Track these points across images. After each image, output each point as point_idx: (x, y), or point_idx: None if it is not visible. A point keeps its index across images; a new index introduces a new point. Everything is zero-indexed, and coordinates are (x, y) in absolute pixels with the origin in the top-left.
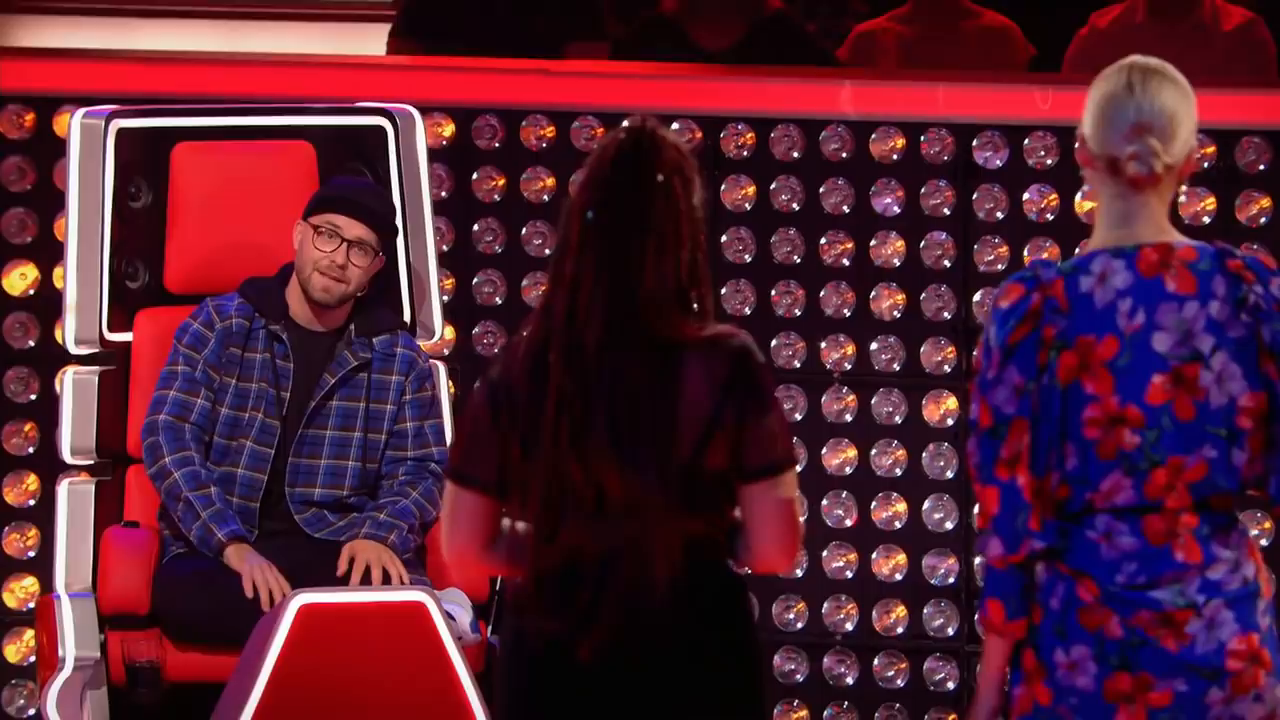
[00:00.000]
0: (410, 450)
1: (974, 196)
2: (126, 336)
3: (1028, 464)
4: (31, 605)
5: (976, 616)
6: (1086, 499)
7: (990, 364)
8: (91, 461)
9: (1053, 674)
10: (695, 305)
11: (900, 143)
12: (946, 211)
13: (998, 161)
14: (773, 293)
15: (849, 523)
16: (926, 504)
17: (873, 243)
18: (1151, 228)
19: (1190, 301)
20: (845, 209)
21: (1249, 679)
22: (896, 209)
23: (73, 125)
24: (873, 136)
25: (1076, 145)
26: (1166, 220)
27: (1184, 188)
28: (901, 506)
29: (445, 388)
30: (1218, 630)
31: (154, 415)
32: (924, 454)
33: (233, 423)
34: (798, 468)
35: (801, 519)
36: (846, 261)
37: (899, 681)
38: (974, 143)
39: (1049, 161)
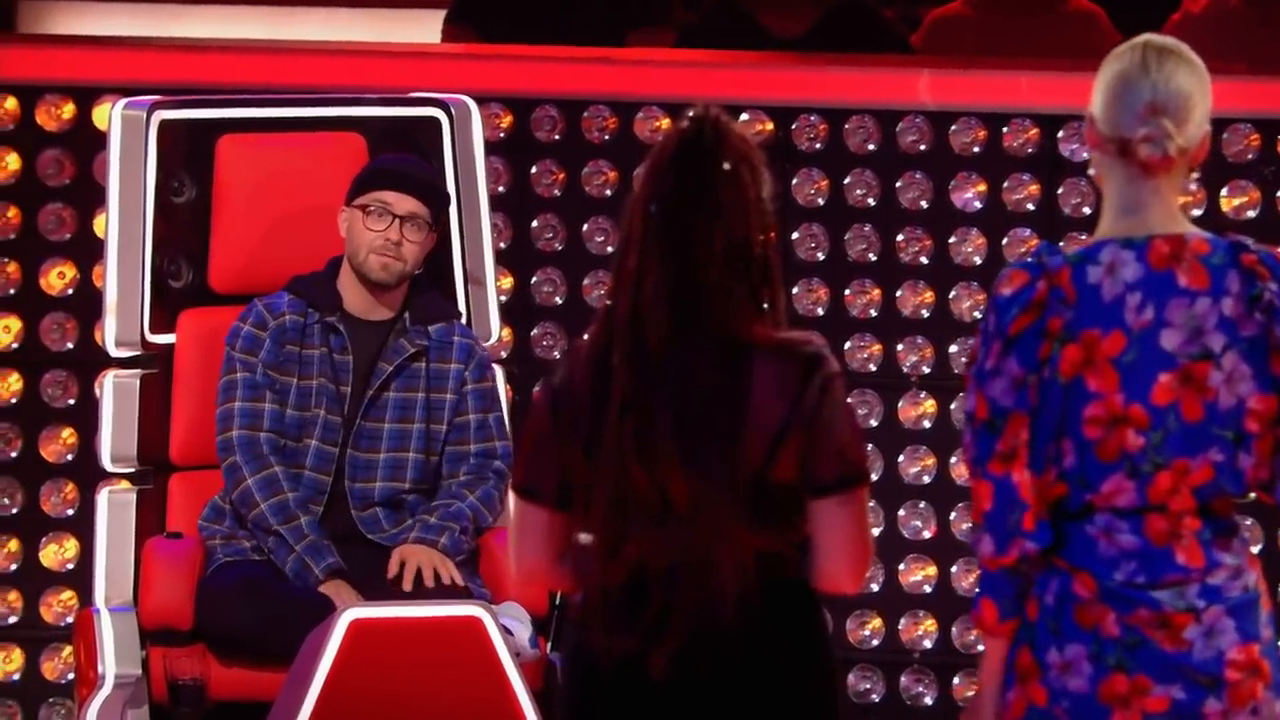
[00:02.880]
0: (473, 444)
1: (1059, 190)
2: (169, 338)
3: (1024, 460)
4: (70, 620)
5: (970, 616)
6: (1085, 500)
7: (989, 354)
8: (132, 469)
9: (1047, 674)
10: (766, 305)
11: (981, 134)
12: (1030, 207)
13: (1084, 154)
14: (847, 293)
15: (927, 534)
16: None
17: (952, 240)
18: (1163, 216)
19: (1202, 297)
20: (923, 204)
21: (1247, 691)
22: (977, 204)
23: (113, 116)
24: (952, 128)
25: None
26: (1178, 208)
27: (1194, 175)
28: None
29: (503, 391)
30: (1217, 638)
31: (226, 432)
32: None
33: (299, 423)
34: (871, 480)
35: (873, 536)
36: (925, 260)
37: None
38: (1059, 134)
39: None
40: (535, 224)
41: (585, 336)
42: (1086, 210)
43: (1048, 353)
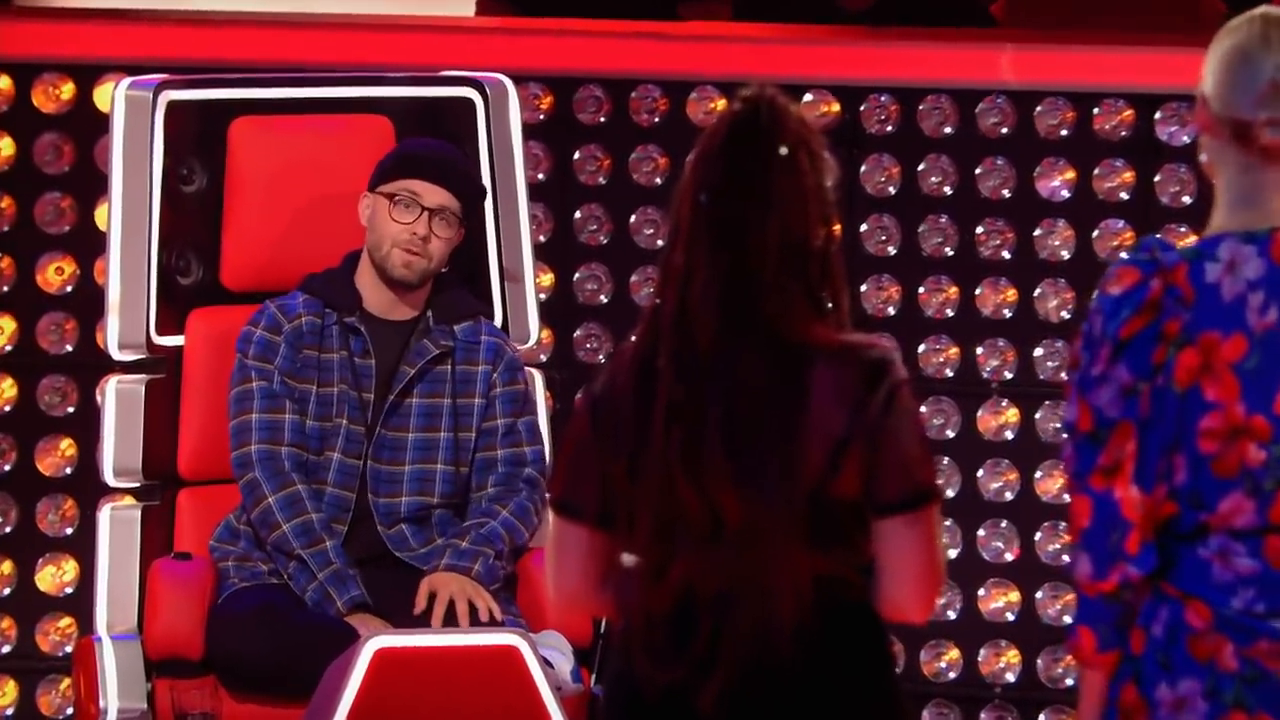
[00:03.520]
0: (500, 449)
1: (1156, 178)
2: (177, 340)
3: (1129, 475)
4: (69, 649)
5: (1067, 645)
6: (1200, 521)
7: (1095, 359)
8: (137, 484)
9: (1155, 712)
10: (828, 305)
11: (1070, 116)
12: (1124, 196)
13: (1184, 137)
14: (920, 290)
15: (1009, 557)
16: None
17: (1037, 232)
18: None
19: None
20: (1005, 193)
21: None
22: (1065, 193)
23: (116, 97)
24: (1037, 109)
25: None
26: None
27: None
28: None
29: (542, 398)
30: None
31: (243, 447)
32: None
33: (320, 435)
34: (945, 496)
35: (946, 559)
36: (1006, 254)
37: None
38: (1157, 115)
39: None
40: (578, 215)
41: (631, 339)
42: (1186, 200)
43: (1162, 358)
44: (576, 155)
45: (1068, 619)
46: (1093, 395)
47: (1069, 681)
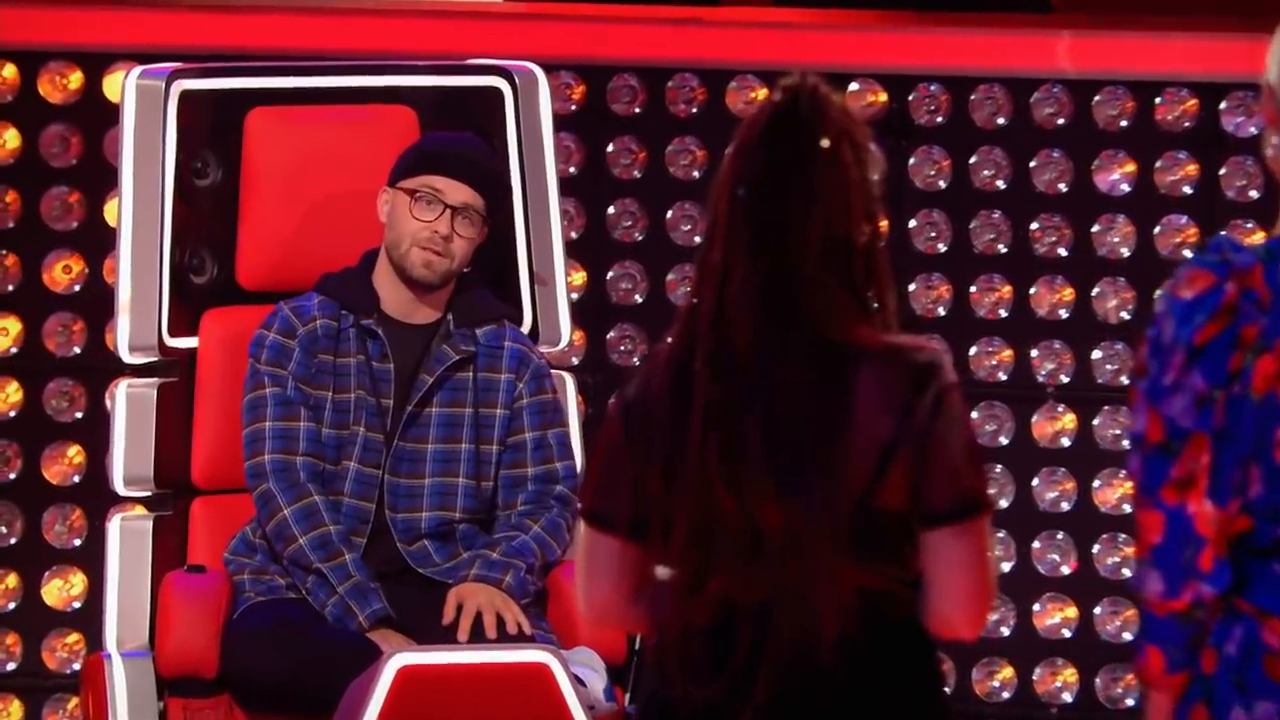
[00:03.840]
0: (531, 466)
1: (1221, 172)
2: (191, 342)
3: (1203, 489)
4: (76, 666)
5: (1133, 665)
6: (1277, 536)
7: (1167, 367)
8: (148, 493)
9: None
10: (874, 305)
11: (1130, 106)
12: (1187, 190)
13: (1251, 128)
14: (972, 289)
15: (1066, 570)
16: None
17: (1095, 228)
18: None
19: None
20: (1061, 187)
21: None
22: (1125, 187)
23: (127, 86)
24: (1096, 99)
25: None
26: None
27: None
28: (1132, 550)
29: (574, 404)
30: None
31: (256, 457)
32: None
33: (337, 443)
34: (997, 507)
35: (998, 572)
36: (1063, 251)
37: None
38: (1221, 105)
39: None
40: (611, 211)
41: (667, 341)
42: (1253, 194)
43: (1239, 365)
44: (610, 147)
45: (1128, 636)
46: (1164, 404)
47: (1129, 702)
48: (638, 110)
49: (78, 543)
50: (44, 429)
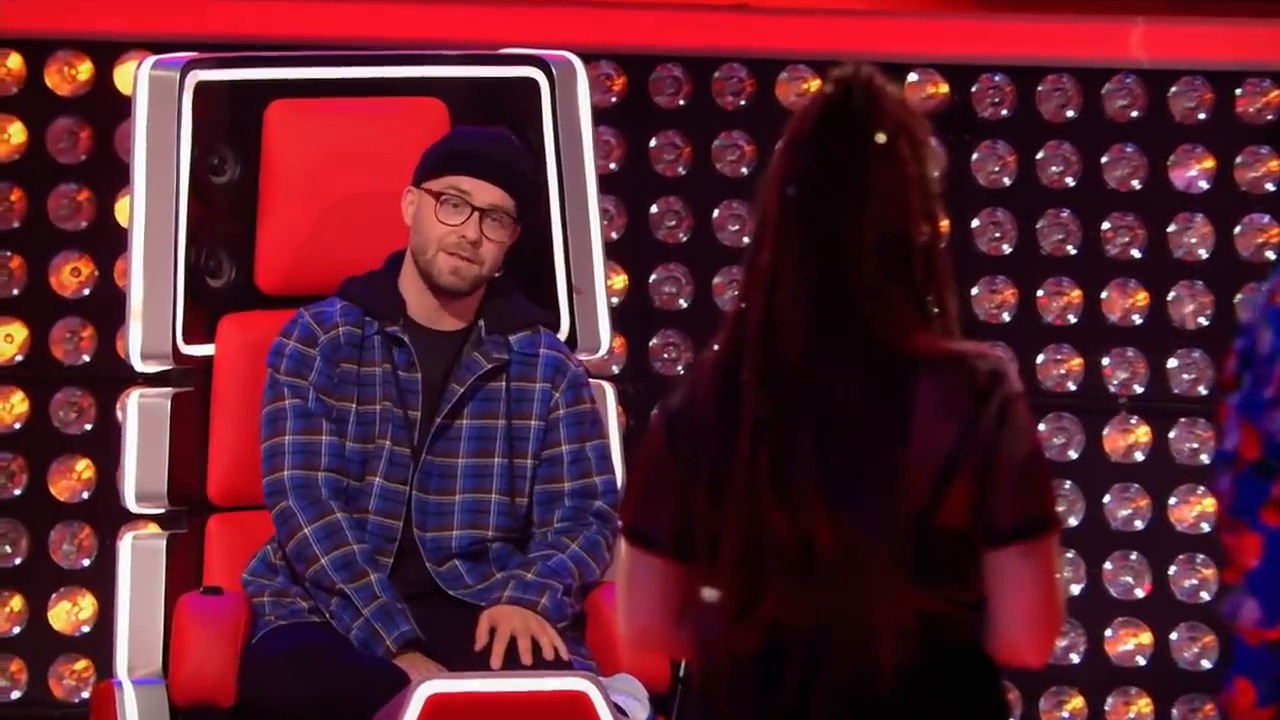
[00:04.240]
0: (568, 481)
1: None
2: (207, 349)
3: None
4: (85, 695)
5: (1219, 698)
6: None
7: (1265, 380)
8: (162, 510)
9: None
10: (934, 310)
11: (1208, 97)
12: (1270, 187)
13: None
14: (1039, 293)
15: (1140, 593)
16: None
17: (1171, 228)
18: None
19: None
20: (1135, 184)
21: None
22: (1203, 184)
23: (139, 77)
24: (1172, 90)
25: None
26: None
27: None
28: (1210, 572)
29: (614, 415)
30: None
31: (275, 472)
32: None
33: (362, 458)
34: (1066, 525)
35: (1067, 595)
36: (1136, 253)
37: None
38: None
39: None
40: (654, 210)
41: (713, 348)
42: None
43: None
44: (653, 142)
45: (1206, 664)
46: (1263, 421)
47: None
48: (682, 102)
49: (86, 563)
50: (51, 442)
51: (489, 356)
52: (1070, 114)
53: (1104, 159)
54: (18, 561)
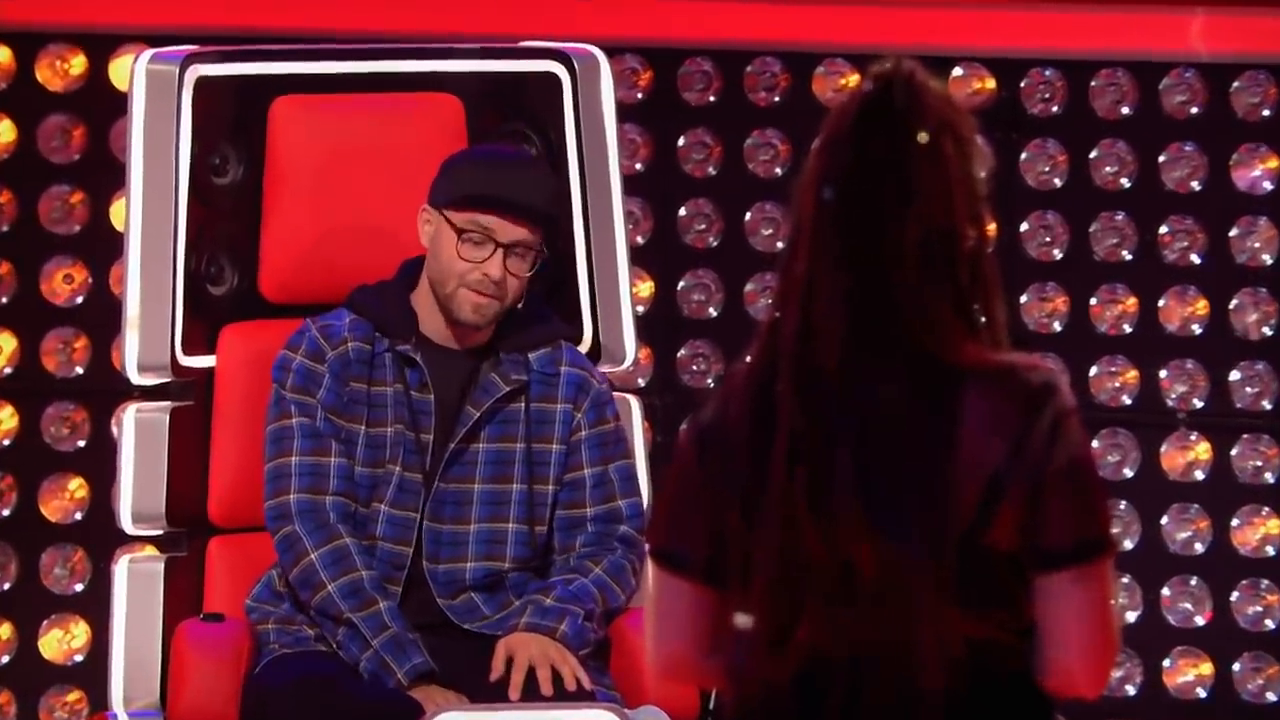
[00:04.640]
0: (590, 506)
1: None
2: (207, 361)
3: None
4: None
5: None
6: None
7: None
8: (160, 531)
9: None
10: (980, 319)
11: (1273, 93)
12: None
13: None
14: (1093, 301)
15: (1200, 620)
16: None
17: (1233, 232)
18: None
19: None
20: (1195, 185)
21: None
22: (1268, 185)
23: (136, 72)
24: (1233, 85)
25: None
26: None
27: None
28: (1275, 598)
29: (639, 430)
30: None
31: (279, 495)
32: None
33: (371, 482)
34: (1122, 548)
35: (1122, 622)
36: (1196, 258)
37: None
38: None
39: None
40: (683, 212)
41: (746, 359)
42: None
43: None
44: (681, 141)
45: (1271, 696)
46: None
47: None
48: (712, 99)
49: (79, 588)
50: (42, 459)
51: (507, 378)
52: (1125, 111)
53: (1161, 158)
54: (6, 586)
